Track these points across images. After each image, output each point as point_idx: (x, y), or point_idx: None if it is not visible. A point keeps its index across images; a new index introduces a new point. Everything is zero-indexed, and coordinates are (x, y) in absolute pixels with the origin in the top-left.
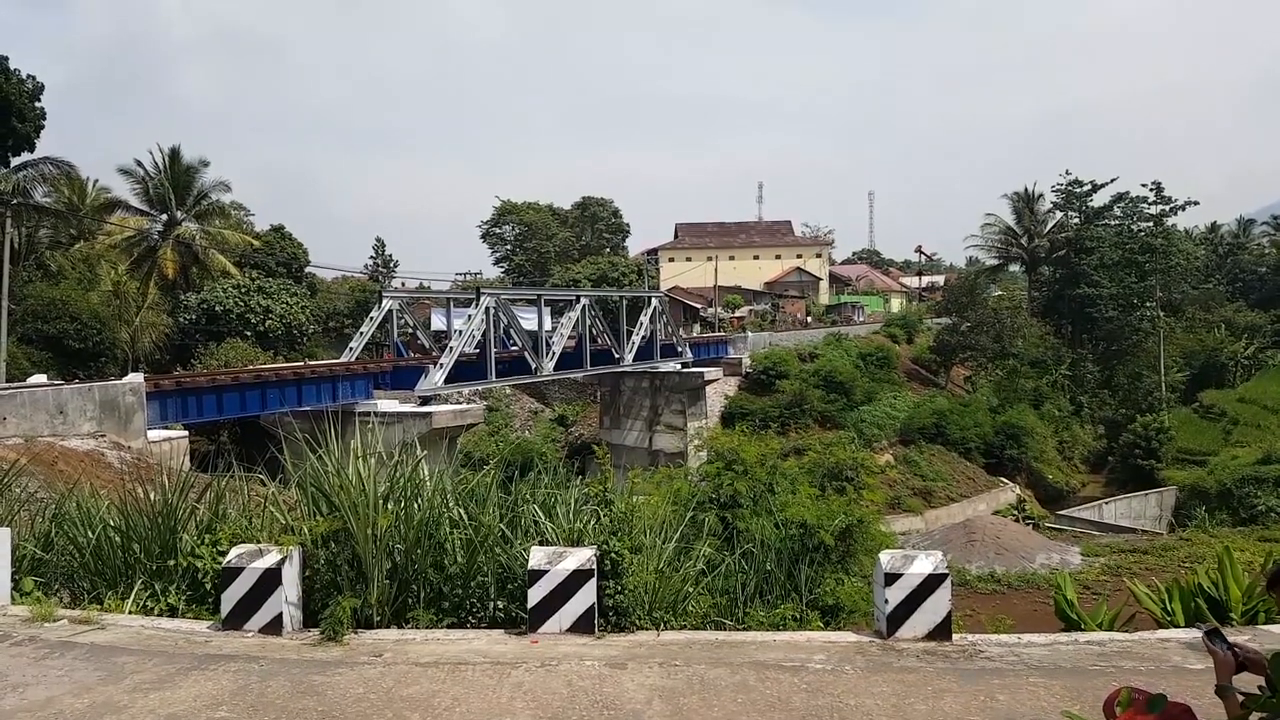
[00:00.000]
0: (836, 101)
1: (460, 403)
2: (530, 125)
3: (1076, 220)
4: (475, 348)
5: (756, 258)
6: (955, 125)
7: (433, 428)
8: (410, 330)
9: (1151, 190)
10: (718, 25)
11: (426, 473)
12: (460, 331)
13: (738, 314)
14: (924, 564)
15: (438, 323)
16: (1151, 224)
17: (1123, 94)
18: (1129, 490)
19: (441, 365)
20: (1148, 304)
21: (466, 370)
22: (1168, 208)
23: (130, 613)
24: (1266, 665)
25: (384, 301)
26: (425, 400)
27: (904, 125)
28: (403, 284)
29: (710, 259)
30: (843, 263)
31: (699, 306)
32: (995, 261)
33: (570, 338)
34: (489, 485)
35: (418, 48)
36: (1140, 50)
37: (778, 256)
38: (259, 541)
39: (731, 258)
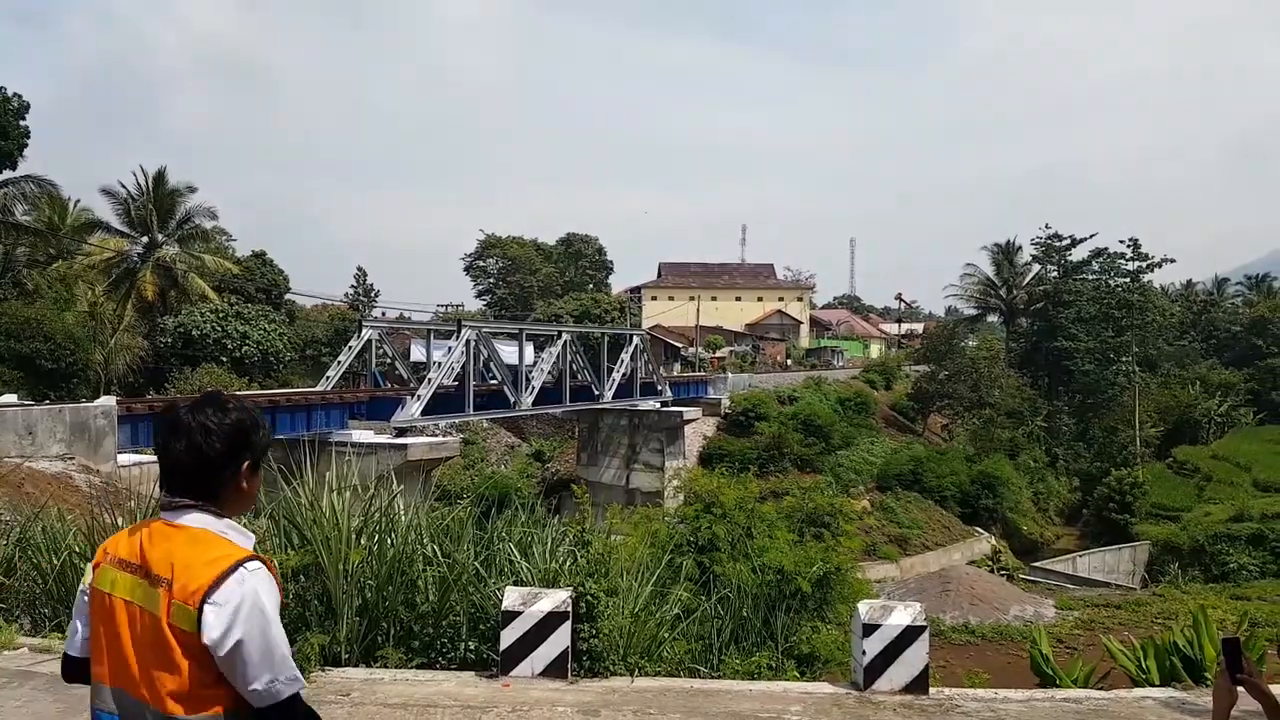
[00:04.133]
0: (822, 149)
1: (436, 435)
2: (519, 162)
3: (1055, 274)
4: (454, 380)
5: (738, 299)
6: (938, 176)
7: (408, 460)
8: (389, 361)
9: (1129, 246)
10: (706, 73)
11: (401, 507)
12: (439, 363)
13: (718, 354)
14: (903, 615)
15: (417, 354)
16: (1129, 280)
17: (1104, 154)
18: (1103, 544)
19: (419, 397)
20: (1124, 359)
21: (444, 403)
22: (1144, 264)
23: None
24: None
25: (363, 331)
26: (401, 432)
27: (887, 175)
28: (383, 314)
29: (693, 298)
30: (823, 307)
31: (680, 346)
32: (974, 311)
33: (550, 373)
34: (464, 521)
35: (412, 82)
36: (1123, 112)
37: (759, 299)
38: None
39: (714, 298)
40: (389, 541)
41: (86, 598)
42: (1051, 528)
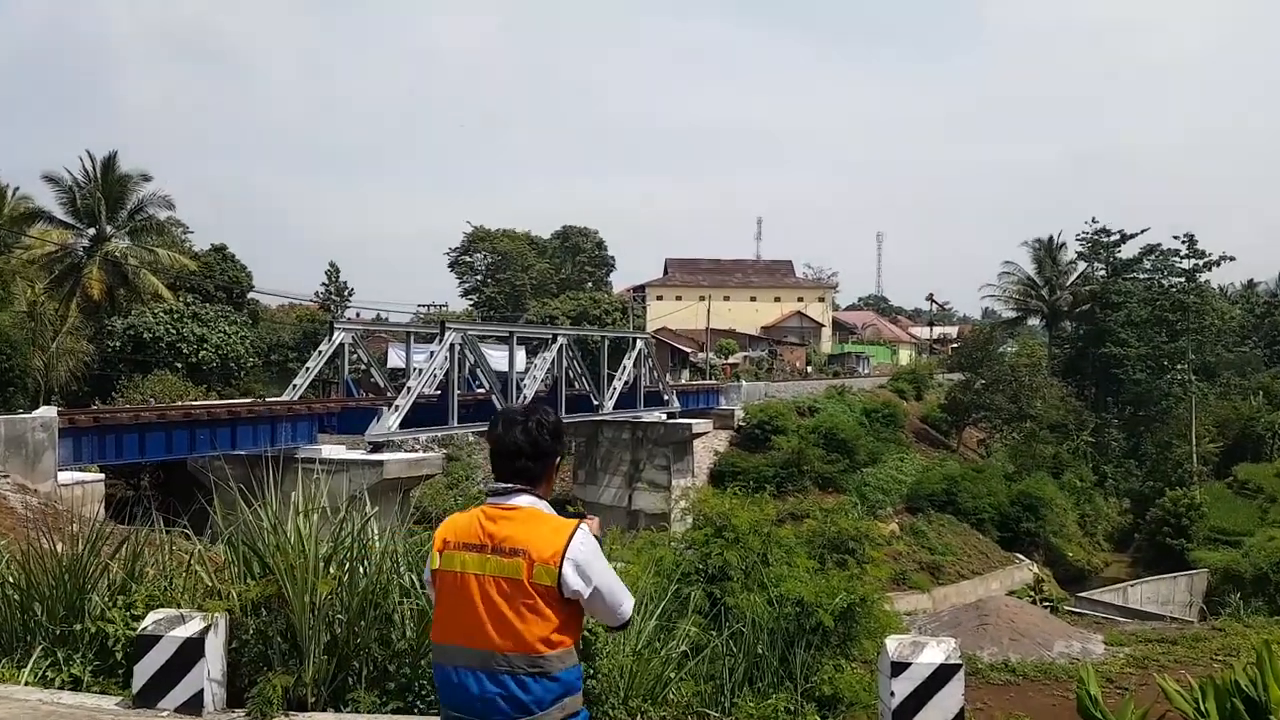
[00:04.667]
0: (844, 137)
1: (416, 451)
2: (512, 149)
3: (1103, 272)
4: (436, 389)
5: (753, 299)
6: (972, 165)
7: (384, 478)
8: (363, 367)
9: (1184, 243)
10: (716, 52)
11: (375, 531)
12: (420, 370)
13: (731, 360)
14: (935, 652)
15: (395, 359)
16: (1184, 279)
17: (1156, 138)
18: (1156, 571)
19: (397, 407)
20: (1178, 366)
21: (425, 414)
22: (1201, 262)
23: (27, 683)
24: None
25: (335, 334)
26: (376, 447)
27: (917, 163)
28: (357, 314)
29: (703, 298)
30: (847, 308)
31: (689, 351)
32: (1013, 314)
33: (544, 381)
34: None
35: (392, 63)
36: (1176, 92)
37: (777, 299)
38: (180, 606)
39: (726, 298)
40: (361, 571)
41: (428, 578)
42: (1099, 554)
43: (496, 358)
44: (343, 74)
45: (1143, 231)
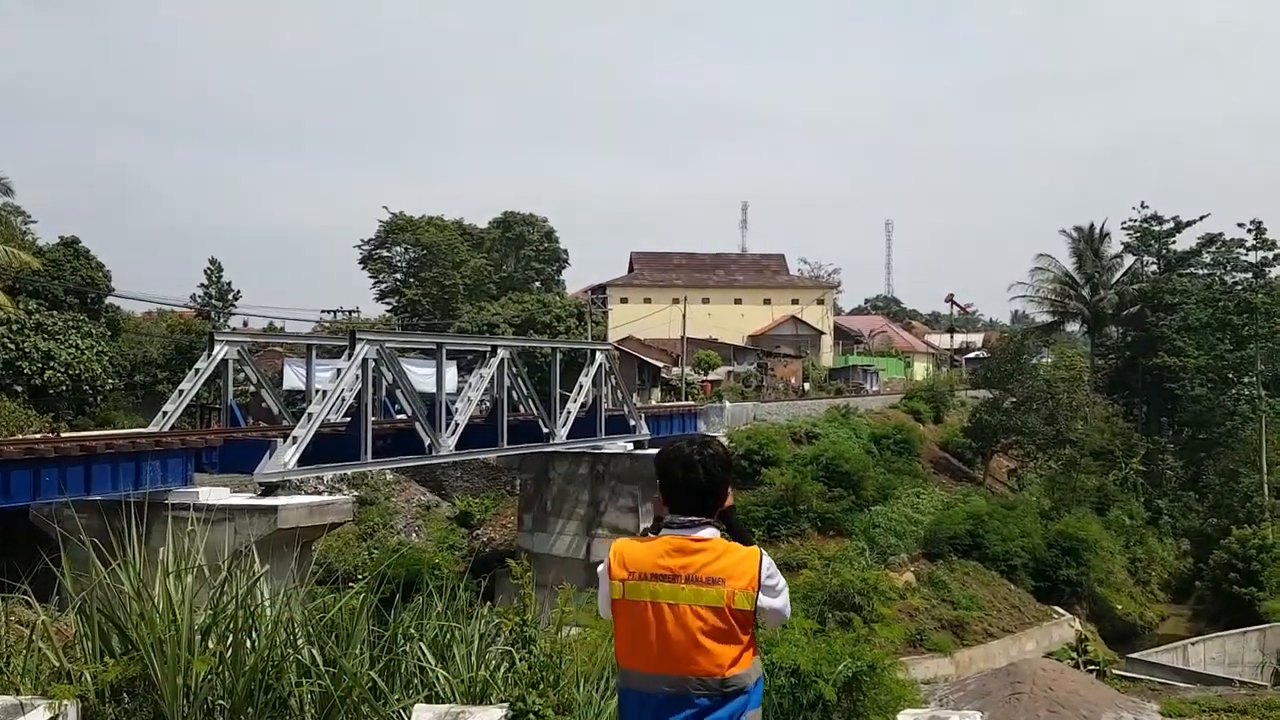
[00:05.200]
0: (850, 114)
1: (320, 493)
2: (464, 127)
3: (1154, 268)
4: (345, 415)
5: (738, 301)
6: (1000, 146)
7: (278, 528)
8: (252, 389)
9: (1250, 231)
10: (699, 16)
11: (266, 595)
12: (325, 392)
13: (712, 376)
14: None
15: (293, 379)
16: (1251, 275)
17: (1212, 114)
18: (1222, 626)
19: (295, 439)
20: (1245, 380)
21: (331, 447)
22: (1271, 255)
23: None
24: None
25: (216, 347)
26: (269, 489)
27: (934, 142)
28: (245, 323)
29: (677, 301)
30: (851, 312)
31: (661, 365)
32: (1049, 318)
33: (482, 404)
34: (356, 614)
35: (317, 24)
36: (1233, 63)
37: (766, 301)
38: (20, 692)
39: (705, 300)
40: (249, 644)
41: (606, 609)
42: (1154, 606)
43: (421, 375)
44: (238, 26)
45: (1201, 219)
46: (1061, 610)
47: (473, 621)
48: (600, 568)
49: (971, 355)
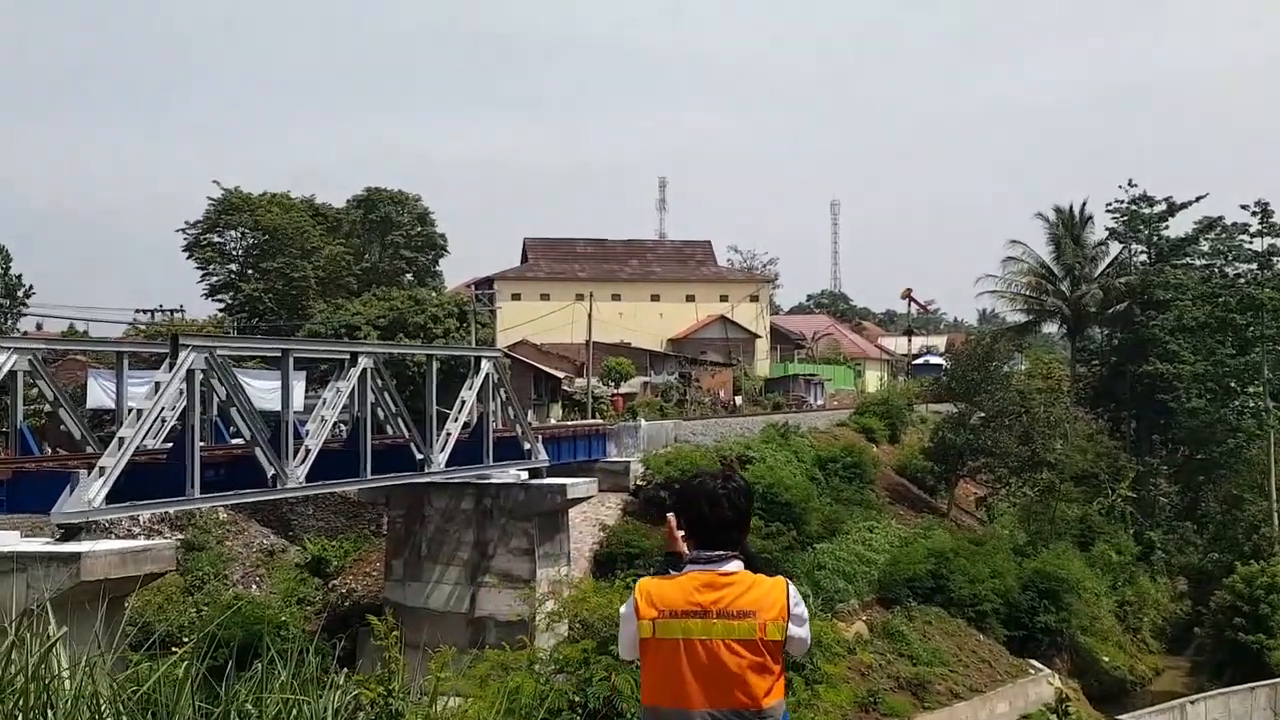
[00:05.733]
0: (786, 67)
1: (135, 537)
2: (284, 75)
3: (1144, 257)
4: (167, 441)
5: (656, 298)
6: (967, 107)
7: (81, 580)
8: (48, 407)
9: (1255, 214)
10: None
11: (65, 663)
12: (140, 411)
13: (624, 389)
14: None
15: (100, 395)
16: (1256, 266)
17: (1216, 66)
18: (1226, 681)
19: (103, 471)
20: (1251, 390)
21: (150, 479)
22: (1279, 241)
23: None
24: None
25: (1, 355)
26: (70, 532)
27: (888, 100)
28: (38, 326)
29: (581, 297)
30: (791, 311)
31: (562, 375)
32: (1022, 317)
33: (339, 425)
34: (179, 686)
35: None
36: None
37: (690, 298)
38: None
39: (616, 296)
40: None
41: (632, 650)
42: (1147, 657)
43: (263, 390)
44: None
45: (1198, 199)
46: (1039, 664)
47: (325, 693)
48: (624, 609)
49: (920, 361)
